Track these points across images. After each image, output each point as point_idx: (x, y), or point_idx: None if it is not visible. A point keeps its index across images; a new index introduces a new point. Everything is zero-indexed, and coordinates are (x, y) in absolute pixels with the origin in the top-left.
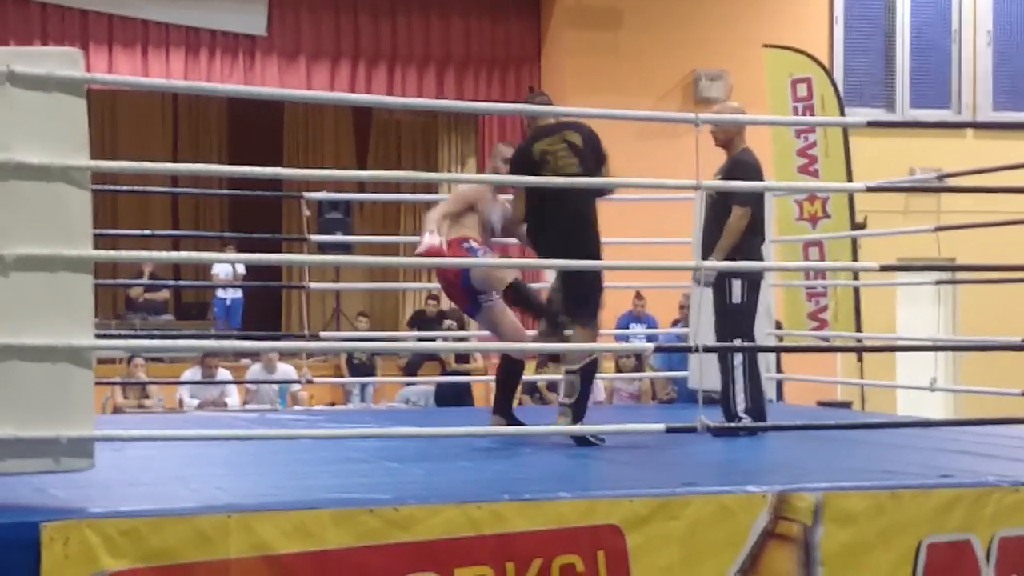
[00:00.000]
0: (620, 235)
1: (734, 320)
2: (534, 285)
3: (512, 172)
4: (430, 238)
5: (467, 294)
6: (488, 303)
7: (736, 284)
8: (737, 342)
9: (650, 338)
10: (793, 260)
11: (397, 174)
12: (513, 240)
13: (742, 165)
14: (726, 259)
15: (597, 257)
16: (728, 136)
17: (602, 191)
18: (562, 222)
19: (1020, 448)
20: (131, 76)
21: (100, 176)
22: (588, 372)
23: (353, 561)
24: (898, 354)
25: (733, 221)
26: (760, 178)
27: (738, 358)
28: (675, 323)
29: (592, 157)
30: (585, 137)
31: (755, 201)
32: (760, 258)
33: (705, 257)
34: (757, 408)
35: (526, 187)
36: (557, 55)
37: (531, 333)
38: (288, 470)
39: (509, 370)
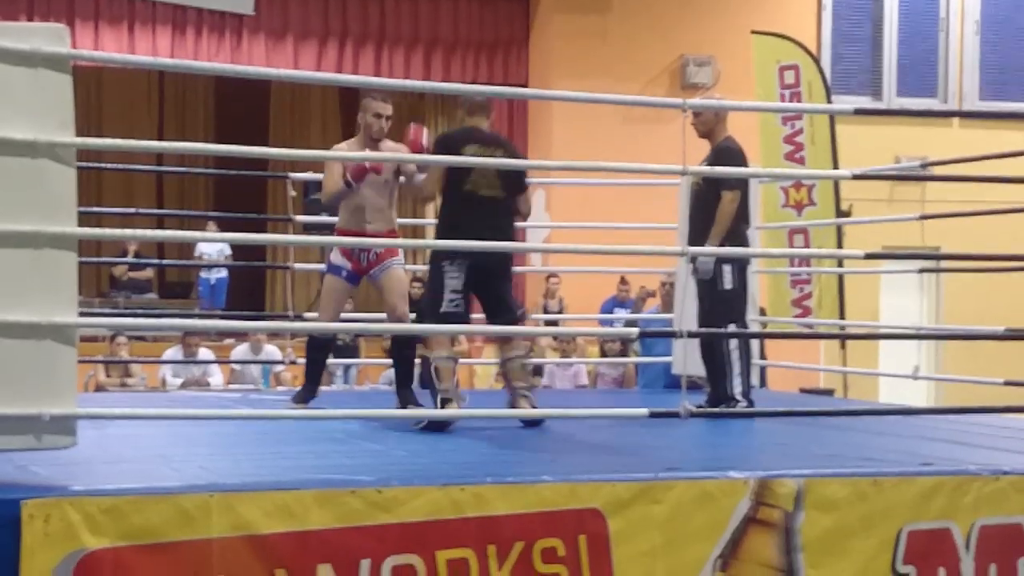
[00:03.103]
0: (605, 220)
1: (728, 305)
2: None
3: (435, 154)
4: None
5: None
6: (390, 266)
7: (727, 270)
8: (731, 327)
9: (632, 323)
10: (778, 247)
11: (384, 155)
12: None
13: (727, 152)
14: (718, 246)
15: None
16: (709, 127)
17: (519, 214)
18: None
19: (1001, 437)
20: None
21: (85, 153)
22: (529, 352)
23: (335, 542)
24: (881, 342)
25: (724, 205)
26: (745, 164)
27: (733, 342)
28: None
29: (514, 182)
30: (511, 155)
31: (743, 186)
32: (747, 244)
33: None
34: (747, 391)
35: (446, 178)
36: (545, 38)
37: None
38: (271, 450)
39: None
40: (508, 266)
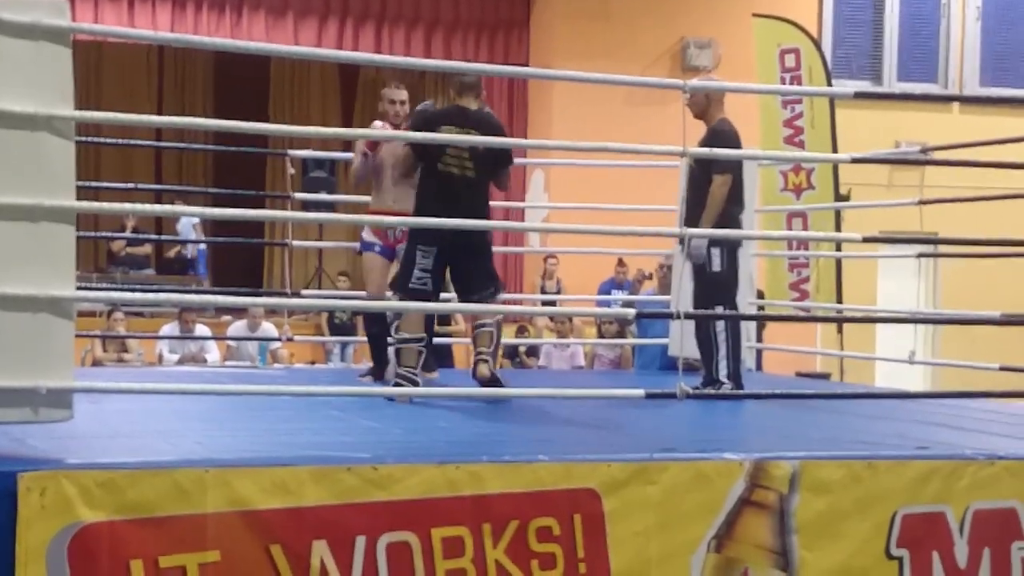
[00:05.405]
0: (604, 201)
1: (716, 288)
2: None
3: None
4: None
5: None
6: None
7: (716, 252)
8: (719, 309)
9: (629, 304)
10: (776, 230)
11: (383, 133)
12: None
13: (721, 134)
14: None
15: (490, 243)
16: (700, 108)
17: (496, 185)
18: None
19: (996, 422)
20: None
21: (84, 127)
22: (499, 326)
23: (331, 519)
24: (878, 326)
25: (715, 189)
26: (738, 147)
27: (720, 324)
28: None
29: (490, 159)
30: (488, 135)
31: (735, 169)
32: (739, 227)
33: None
34: (735, 374)
35: (421, 155)
36: (546, 19)
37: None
38: (267, 427)
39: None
40: (481, 244)
